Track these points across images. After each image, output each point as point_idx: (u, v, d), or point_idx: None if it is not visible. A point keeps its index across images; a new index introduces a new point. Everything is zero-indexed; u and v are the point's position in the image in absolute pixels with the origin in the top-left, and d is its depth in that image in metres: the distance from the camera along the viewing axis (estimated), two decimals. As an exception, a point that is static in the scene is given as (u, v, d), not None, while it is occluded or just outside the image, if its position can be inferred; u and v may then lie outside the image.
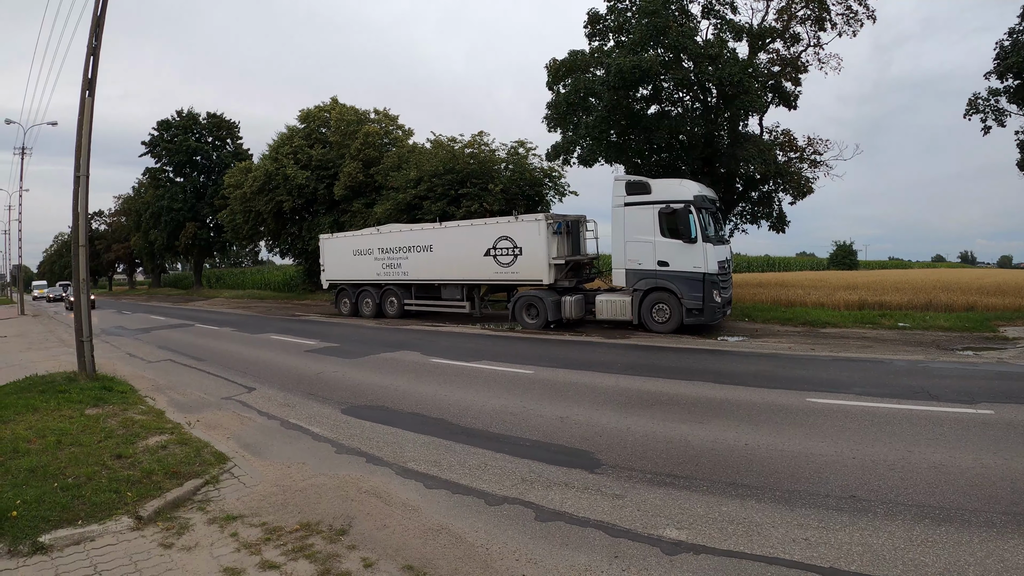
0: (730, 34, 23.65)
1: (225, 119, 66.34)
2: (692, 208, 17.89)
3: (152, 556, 5.50)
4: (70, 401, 10.95)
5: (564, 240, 21.70)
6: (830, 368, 12.81)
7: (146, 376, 14.88)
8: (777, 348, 15.49)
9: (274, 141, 44.07)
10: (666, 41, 21.78)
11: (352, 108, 41.97)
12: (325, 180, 40.07)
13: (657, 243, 18.44)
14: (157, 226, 65.22)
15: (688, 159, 25.01)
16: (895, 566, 4.80)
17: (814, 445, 7.69)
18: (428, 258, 24.90)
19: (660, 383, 11.70)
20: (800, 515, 5.76)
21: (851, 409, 9.26)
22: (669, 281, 18.23)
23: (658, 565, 5.03)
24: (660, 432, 8.61)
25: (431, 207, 30.39)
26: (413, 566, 5.17)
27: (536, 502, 6.43)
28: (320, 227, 38.55)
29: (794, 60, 24.55)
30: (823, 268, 70.76)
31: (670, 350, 15.83)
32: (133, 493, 6.71)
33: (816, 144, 25.28)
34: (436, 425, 9.60)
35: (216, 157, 64.68)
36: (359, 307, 28.19)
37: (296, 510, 6.48)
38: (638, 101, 24.31)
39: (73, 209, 13.41)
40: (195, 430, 9.45)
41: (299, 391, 12.50)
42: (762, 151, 23.07)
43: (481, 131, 33.11)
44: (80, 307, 13.32)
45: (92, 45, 13.14)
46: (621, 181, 19.53)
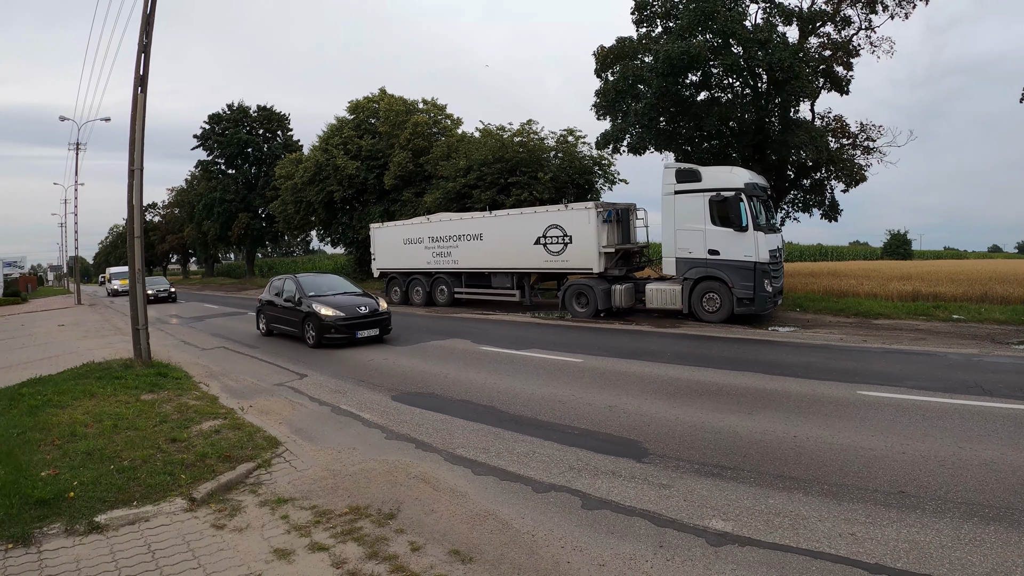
0: (779, 18, 23.24)
1: (275, 111, 67.27)
2: (743, 196, 17.71)
3: (204, 537, 5.65)
4: (126, 387, 11.28)
5: (614, 228, 21.63)
6: (882, 360, 12.60)
7: (200, 363, 15.27)
8: (828, 339, 15.27)
9: (324, 132, 44.66)
10: (714, 26, 21.50)
11: (400, 98, 42.24)
12: (375, 170, 40.46)
13: (708, 231, 18.30)
14: (210, 217, 66.50)
15: (738, 146, 24.67)
16: (942, 564, 4.73)
17: (864, 439, 7.60)
18: (478, 247, 25.04)
19: (709, 373, 11.65)
20: (847, 509, 5.71)
21: (902, 403, 9.13)
22: (720, 270, 18.09)
23: (703, 556, 5.02)
24: (708, 422, 8.60)
25: (481, 196, 30.55)
26: (460, 551, 5.24)
27: (583, 490, 6.46)
28: (370, 216, 38.98)
29: (845, 44, 23.99)
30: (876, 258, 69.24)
31: (720, 340, 15.73)
32: (187, 476, 6.92)
33: (869, 130, 24.74)
34: (485, 412, 9.70)
35: (267, 149, 65.64)
36: (409, 295, 28.47)
37: (346, 494, 6.60)
38: (687, 88, 24.01)
39: (128, 202, 13.78)
40: (248, 415, 9.68)
41: (350, 378, 12.71)
42: (814, 137, 22.68)
43: (530, 120, 33.13)
44: (136, 297, 13.69)
45: (143, 43, 13.47)
46: (671, 169, 19.39)
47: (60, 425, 8.82)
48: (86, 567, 5.14)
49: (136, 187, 13.66)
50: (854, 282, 25.04)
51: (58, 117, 43.23)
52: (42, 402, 10.21)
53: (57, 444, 7.96)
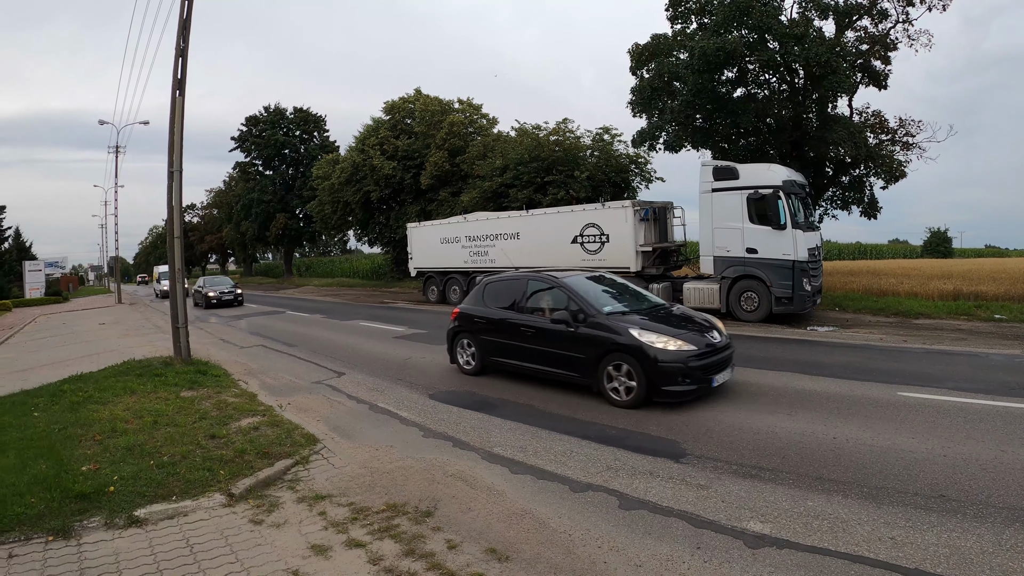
0: (816, 12, 22.90)
1: (311, 113, 67.98)
2: (781, 193, 17.55)
3: (242, 531, 5.76)
4: (166, 384, 11.51)
5: (651, 227, 21.58)
6: (922, 361, 12.42)
7: (239, 361, 15.51)
8: (868, 339, 15.07)
9: (360, 133, 45.01)
10: (750, 21, 21.32)
11: (436, 98, 42.42)
12: (411, 170, 40.73)
13: (745, 230, 18.17)
14: (248, 217, 67.40)
15: (776, 143, 24.44)
16: (983, 570, 4.68)
17: (904, 441, 7.53)
18: (515, 245, 25.13)
19: (747, 373, 11.56)
20: (887, 513, 5.66)
21: (943, 404, 9.01)
22: (758, 269, 17.95)
23: (740, 558, 5.02)
24: (747, 423, 8.57)
25: (517, 195, 30.63)
26: (496, 549, 5.28)
27: (620, 490, 6.47)
28: (407, 216, 39.24)
29: (883, 37, 23.57)
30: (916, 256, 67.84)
31: (758, 339, 15.61)
32: (225, 471, 7.05)
33: (908, 125, 24.28)
34: (523, 411, 9.73)
35: (304, 150, 66.42)
36: (447, 294, 28.65)
37: (383, 491, 6.67)
38: (723, 84, 23.81)
39: (168, 203, 14.06)
40: (286, 412, 9.83)
41: (388, 376, 12.82)
42: (852, 133, 22.36)
43: (565, 118, 33.10)
44: (176, 296, 13.98)
45: (180, 47, 13.75)
46: (708, 166, 19.29)
47: (101, 421, 9.06)
48: (125, 560, 5.27)
49: (176, 189, 13.94)
50: (894, 281, 24.66)
51: (97, 121, 44.37)
52: (83, 398, 10.48)
53: (98, 440, 8.17)
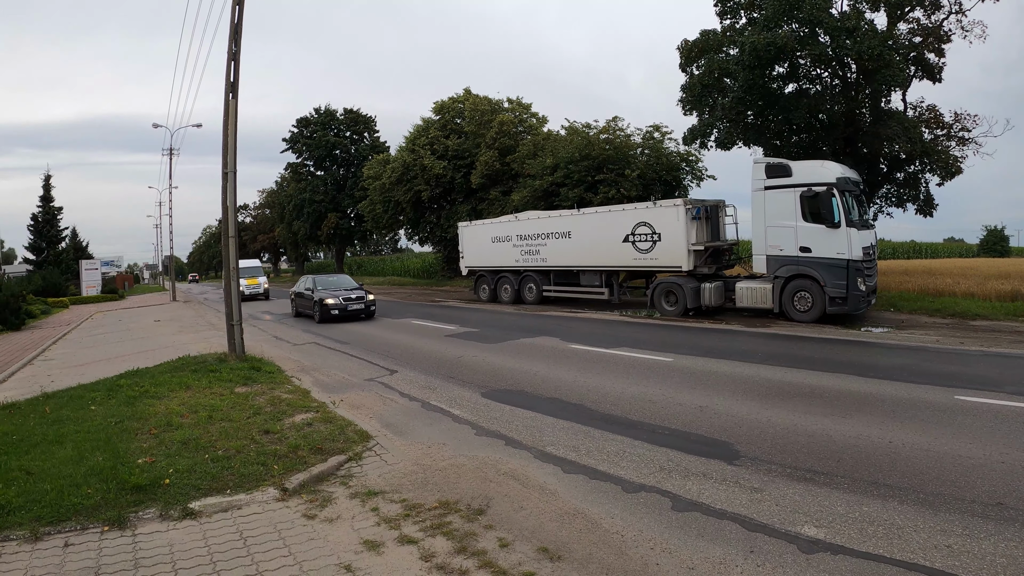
0: (867, 4, 22.51)
1: (361, 114, 68.82)
2: (835, 191, 17.35)
3: (295, 526, 5.87)
4: (220, 380, 11.83)
5: (703, 225, 21.48)
6: (980, 364, 12.20)
7: (292, 358, 15.84)
8: (924, 341, 14.83)
9: (410, 133, 45.41)
10: (800, 15, 21.09)
11: (485, 98, 42.61)
12: (461, 169, 41.02)
13: (799, 228, 18.00)
14: (300, 217, 68.53)
15: (829, 139, 24.10)
16: None
17: (961, 446, 7.42)
18: (566, 244, 25.21)
19: (801, 374, 11.53)
20: (943, 520, 5.59)
21: (1001, 409, 8.84)
22: (811, 268, 17.76)
23: (794, 563, 4.99)
24: (801, 425, 8.53)
25: (568, 194, 30.68)
26: (548, 548, 5.32)
27: (673, 491, 6.48)
28: (458, 215, 39.52)
29: (936, 29, 23.02)
30: (972, 255, 66.10)
31: (812, 340, 15.48)
32: (279, 466, 7.20)
33: (964, 119, 23.63)
34: (575, 410, 9.81)
35: (354, 150, 67.25)
36: (498, 293, 28.89)
37: (435, 489, 6.78)
38: (774, 80, 23.56)
39: (222, 203, 14.47)
40: (339, 409, 10.00)
41: (440, 374, 13.03)
42: (907, 129, 21.94)
43: (615, 116, 33.05)
44: (230, 293, 14.37)
45: (232, 51, 14.13)
46: (760, 164, 19.16)
47: (156, 415, 9.37)
48: (179, 551, 5.44)
49: (230, 189, 14.33)
50: (950, 281, 24.13)
51: (151, 125, 45.61)
52: (139, 393, 10.84)
53: (153, 433, 8.45)
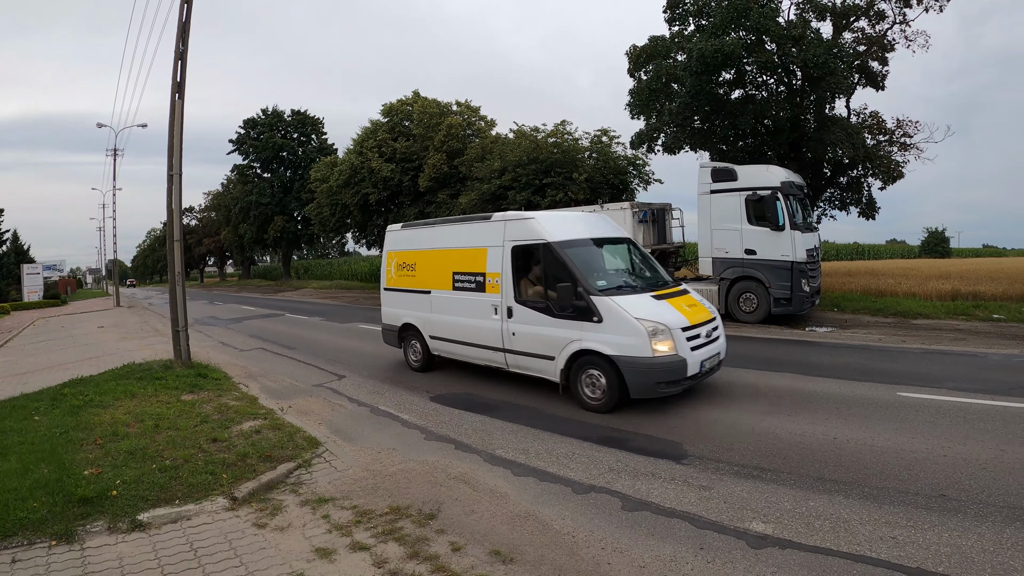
0: (813, 13, 23.00)
1: (309, 115, 68.02)
2: (779, 195, 17.58)
3: (246, 535, 5.78)
4: (166, 387, 11.49)
5: (650, 228, 21.55)
6: (922, 361, 12.46)
7: (239, 364, 15.50)
8: (867, 340, 15.10)
9: (358, 135, 44.83)
10: (747, 23, 21.38)
11: (434, 101, 42.32)
12: (410, 172, 40.63)
13: (744, 231, 18.21)
14: (246, 220, 67.46)
15: (774, 144, 24.50)
16: (984, 569, 4.74)
17: (904, 441, 7.58)
18: None
19: (747, 374, 11.62)
20: (888, 513, 5.72)
21: (943, 404, 9.05)
22: (756, 270, 17.99)
23: (743, 559, 5.07)
24: (747, 424, 8.61)
25: (516, 197, 30.55)
26: (500, 551, 5.33)
27: (623, 491, 6.52)
28: (406, 218, 39.01)
29: (880, 38, 23.68)
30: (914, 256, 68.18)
31: (757, 340, 15.65)
32: (228, 475, 7.08)
33: (906, 126, 24.40)
34: (524, 413, 9.77)
35: (302, 152, 66.38)
36: (446, 295, 28.54)
37: (386, 494, 6.71)
38: (721, 86, 23.85)
39: (167, 206, 14.03)
40: (287, 416, 9.83)
41: (388, 379, 12.85)
42: (850, 134, 22.46)
43: (563, 120, 33.03)
44: (176, 298, 13.96)
45: (179, 50, 13.75)
46: (706, 168, 19.32)
47: (102, 425, 9.05)
48: (129, 564, 5.29)
49: (175, 192, 13.92)
50: (892, 281, 24.74)
51: (96, 124, 44.32)
52: (84, 402, 10.45)
53: (99, 443, 8.16)
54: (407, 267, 13.27)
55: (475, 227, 11.71)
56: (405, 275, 13.31)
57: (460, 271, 11.71)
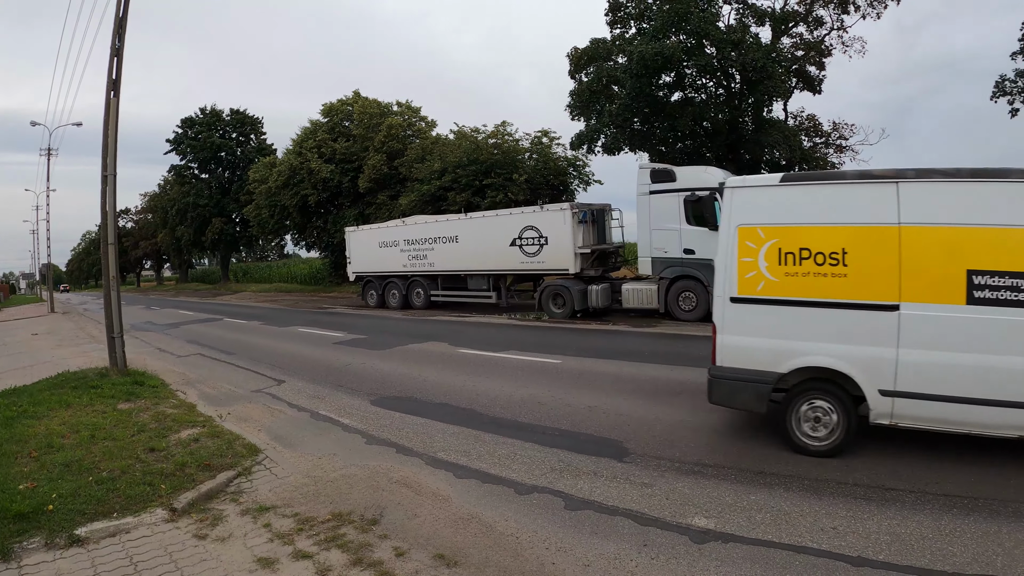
0: (753, 19, 23.55)
1: (248, 115, 66.77)
2: (717, 195, 17.67)
3: (187, 547, 5.61)
4: (102, 396, 11.09)
5: (590, 229, 21.66)
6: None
7: (176, 370, 15.07)
8: (804, 335, 15.32)
9: (298, 136, 44.34)
10: (688, 27, 21.72)
11: (375, 101, 42.07)
12: (349, 173, 40.26)
13: (683, 231, 18.35)
14: (184, 222, 65.93)
15: (712, 146, 24.94)
16: (923, 555, 4.85)
17: None
18: (454, 249, 24.99)
19: (687, 372, 11.66)
20: (828, 504, 5.81)
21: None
22: (695, 269, 18.14)
23: (687, 554, 5.09)
24: (688, 421, 8.65)
25: (456, 198, 30.48)
26: (444, 555, 5.25)
27: (565, 491, 6.49)
28: (345, 220, 38.80)
29: (818, 44, 24.41)
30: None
31: (697, 338, 15.72)
32: (167, 486, 6.83)
33: (842, 129, 25.30)
34: (465, 415, 9.68)
35: (240, 153, 65.17)
36: (386, 299, 28.40)
37: (328, 500, 6.57)
38: (661, 88, 24.21)
39: (102, 208, 13.57)
40: (226, 423, 9.58)
41: (328, 383, 12.62)
42: (787, 137, 23.02)
43: (504, 121, 33.04)
44: (111, 303, 13.51)
45: (115, 46, 13.27)
46: (645, 169, 19.45)
47: (36, 436, 8.68)
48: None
49: (110, 193, 13.47)
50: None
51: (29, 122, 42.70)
52: (17, 413, 10.00)
53: (34, 456, 7.84)
54: (820, 258, 7.12)
55: None
56: (814, 273, 7.14)
57: (996, 269, 6.24)
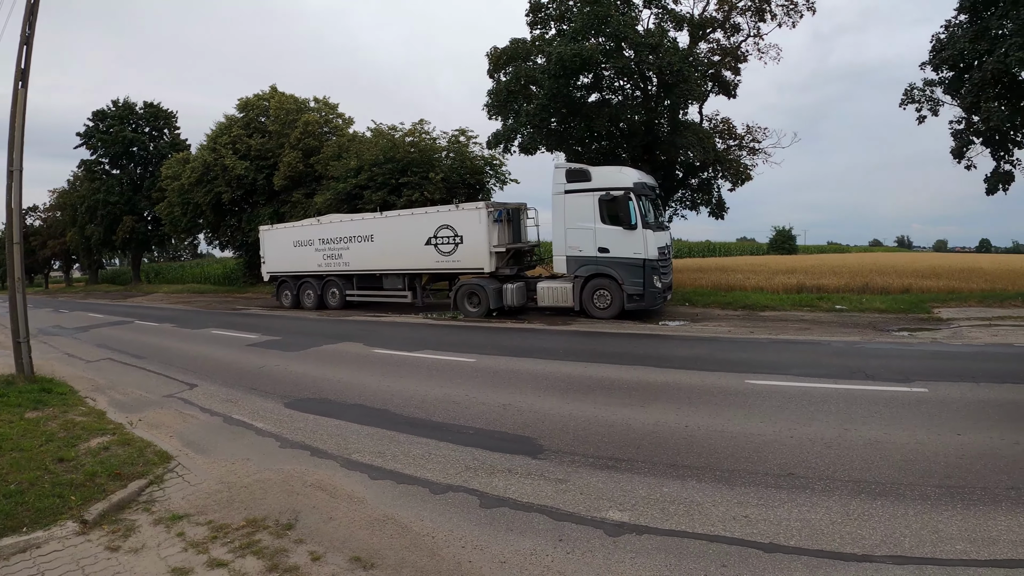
0: (671, 23, 23.90)
1: (163, 108, 64.32)
2: (632, 195, 18.02)
3: (99, 560, 5.43)
4: (8, 405, 10.67)
5: (505, 228, 21.71)
6: (768, 350, 13.07)
7: (86, 376, 14.45)
8: (717, 332, 15.72)
9: (212, 131, 43.08)
10: (607, 30, 21.90)
11: (292, 96, 41.31)
12: (265, 170, 39.36)
13: (597, 230, 18.55)
14: (93, 220, 62.79)
15: (628, 147, 25.27)
16: (833, 540, 4.96)
17: (753, 425, 7.86)
18: (369, 248, 24.70)
19: (601, 368, 11.79)
20: (740, 493, 5.91)
21: (789, 390, 9.48)
22: (610, 267, 18.37)
23: (602, 547, 5.11)
24: (602, 417, 8.70)
25: (372, 197, 30.15)
26: (360, 557, 5.20)
27: (480, 489, 6.47)
28: (260, 218, 37.94)
29: (734, 50, 25.01)
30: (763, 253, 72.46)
31: (611, 336, 15.96)
32: (77, 497, 6.62)
33: (755, 132, 25.99)
34: (379, 416, 9.55)
35: (153, 148, 62.58)
36: (300, 299, 27.87)
37: (242, 507, 6.43)
38: (579, 89, 24.36)
39: (7, 205, 13.00)
40: (137, 430, 9.28)
41: (241, 386, 12.29)
42: (701, 139, 23.46)
43: (422, 119, 32.90)
44: (16, 306, 12.94)
45: (25, 34, 12.72)
46: (561, 169, 19.59)
47: (-62, 450, 8.28)
48: None
49: (15, 189, 12.89)
50: (741, 276, 26.05)
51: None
52: (-84, 427, 9.50)
53: None
54: None
55: None
56: None
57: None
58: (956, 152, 21.06)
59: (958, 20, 20.47)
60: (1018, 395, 9.09)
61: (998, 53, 17.74)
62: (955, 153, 21.11)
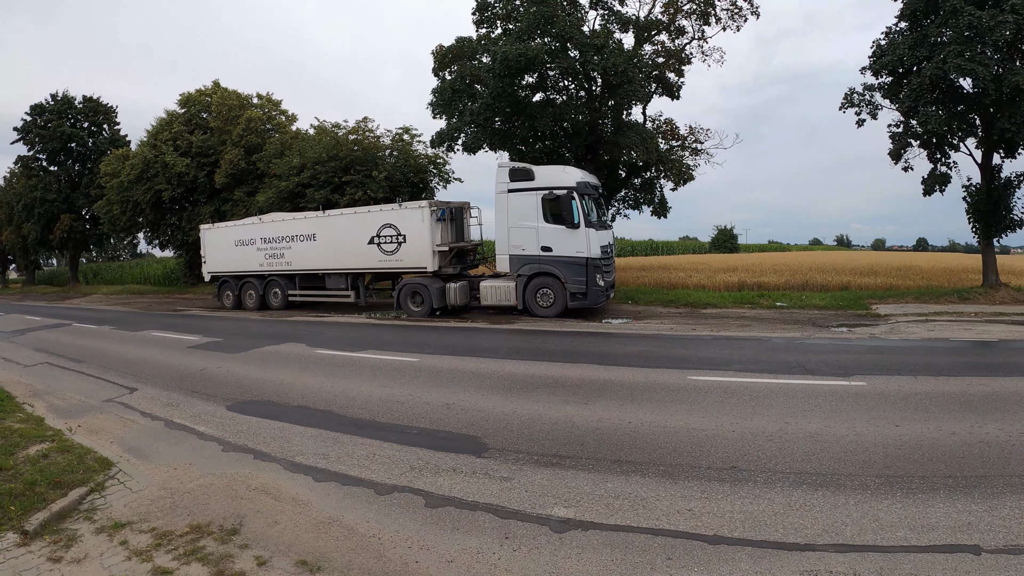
0: (617, 25, 24.12)
1: (102, 103, 62.35)
2: (575, 194, 18.14)
3: (41, 572, 5.32)
4: (-59, 414, 10.23)
5: (448, 227, 21.65)
6: (710, 347, 13.27)
7: (22, 381, 13.97)
8: (659, 329, 15.91)
9: (153, 127, 42.01)
10: (553, 30, 22.00)
11: (234, 92, 40.52)
12: (206, 168, 38.51)
13: (540, 229, 18.64)
14: (30, 219, 60.34)
15: (572, 146, 25.41)
16: (776, 530, 5.06)
17: (695, 420, 7.95)
18: (312, 247, 24.39)
19: (545, 366, 11.84)
20: (683, 487, 5.97)
21: (730, 385, 9.64)
22: (553, 266, 18.46)
23: (548, 543, 5.12)
24: (545, 414, 8.72)
25: (314, 195, 29.77)
26: (307, 560, 5.16)
27: (426, 489, 6.44)
28: (201, 217, 37.15)
29: (678, 52, 25.32)
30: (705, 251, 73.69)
31: (554, 334, 16.03)
32: (16, 507, 6.40)
33: (697, 133, 26.38)
34: (323, 417, 9.43)
35: (92, 144, 60.50)
36: (242, 299, 27.37)
37: (185, 512, 6.29)
38: (523, 89, 24.44)
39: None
40: (77, 436, 9.03)
41: (183, 389, 12.00)
42: (645, 139, 23.69)
43: (365, 117, 32.67)
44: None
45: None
46: (505, 168, 19.63)
47: None
48: None
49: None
50: (683, 275, 26.45)
51: None
52: None
53: None
54: None
55: None
56: None
57: None
58: (894, 154, 21.62)
59: (899, 27, 21.05)
60: (954, 387, 9.42)
61: (937, 60, 18.30)
62: (893, 155, 21.67)
